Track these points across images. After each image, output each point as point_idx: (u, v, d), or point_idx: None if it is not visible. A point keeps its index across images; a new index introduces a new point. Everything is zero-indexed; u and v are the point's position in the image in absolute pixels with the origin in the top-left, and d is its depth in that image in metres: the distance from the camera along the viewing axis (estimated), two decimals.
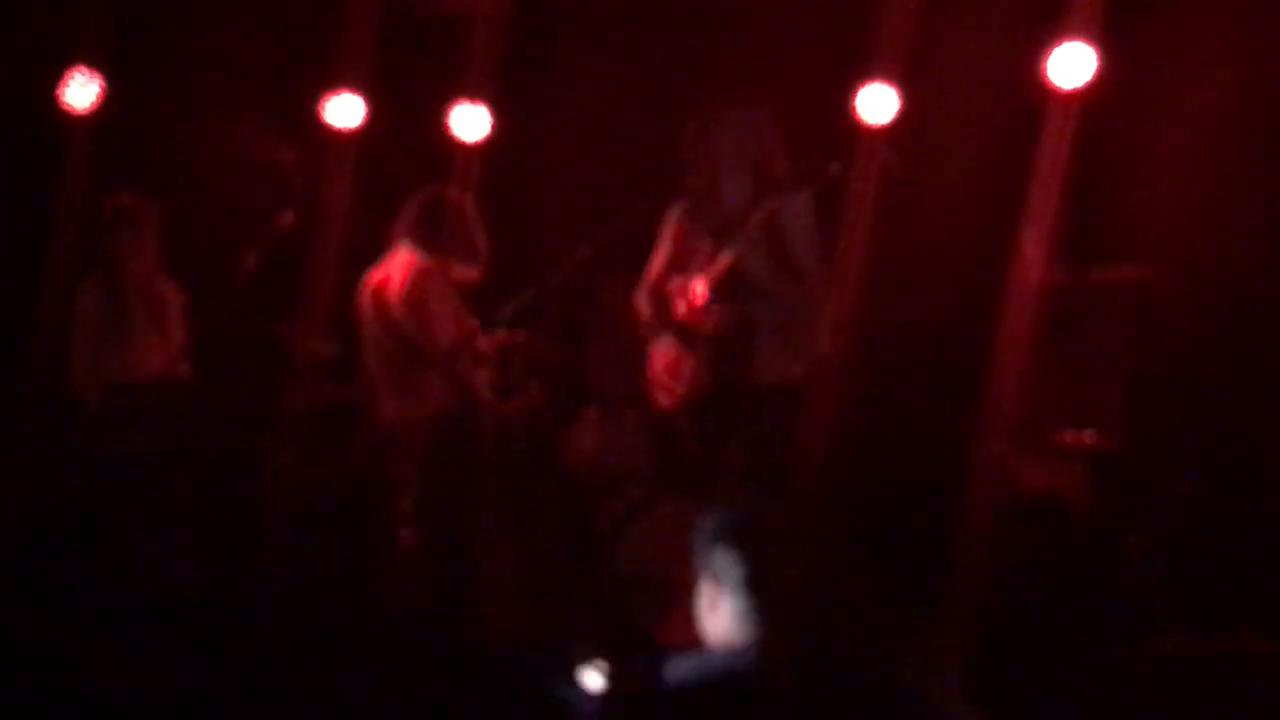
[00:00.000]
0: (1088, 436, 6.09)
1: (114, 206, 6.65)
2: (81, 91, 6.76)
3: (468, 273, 6.51)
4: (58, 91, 6.73)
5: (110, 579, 5.88)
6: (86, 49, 6.72)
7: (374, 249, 6.74)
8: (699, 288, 6.04)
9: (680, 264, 6.09)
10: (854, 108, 6.78)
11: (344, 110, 7.20)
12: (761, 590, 4.73)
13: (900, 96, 6.78)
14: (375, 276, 6.50)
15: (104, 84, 6.75)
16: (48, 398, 6.53)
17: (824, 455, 5.95)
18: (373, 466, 6.49)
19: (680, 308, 6.07)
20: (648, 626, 6.33)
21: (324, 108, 7.16)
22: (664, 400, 6.16)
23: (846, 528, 5.86)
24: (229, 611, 5.85)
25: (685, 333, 6.08)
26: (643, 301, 6.18)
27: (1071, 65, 6.35)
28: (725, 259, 5.96)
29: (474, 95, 7.23)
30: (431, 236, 6.38)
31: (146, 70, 7.06)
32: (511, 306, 6.60)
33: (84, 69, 6.71)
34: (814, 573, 5.13)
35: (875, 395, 6.54)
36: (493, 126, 7.29)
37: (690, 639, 6.02)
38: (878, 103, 6.83)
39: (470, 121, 7.31)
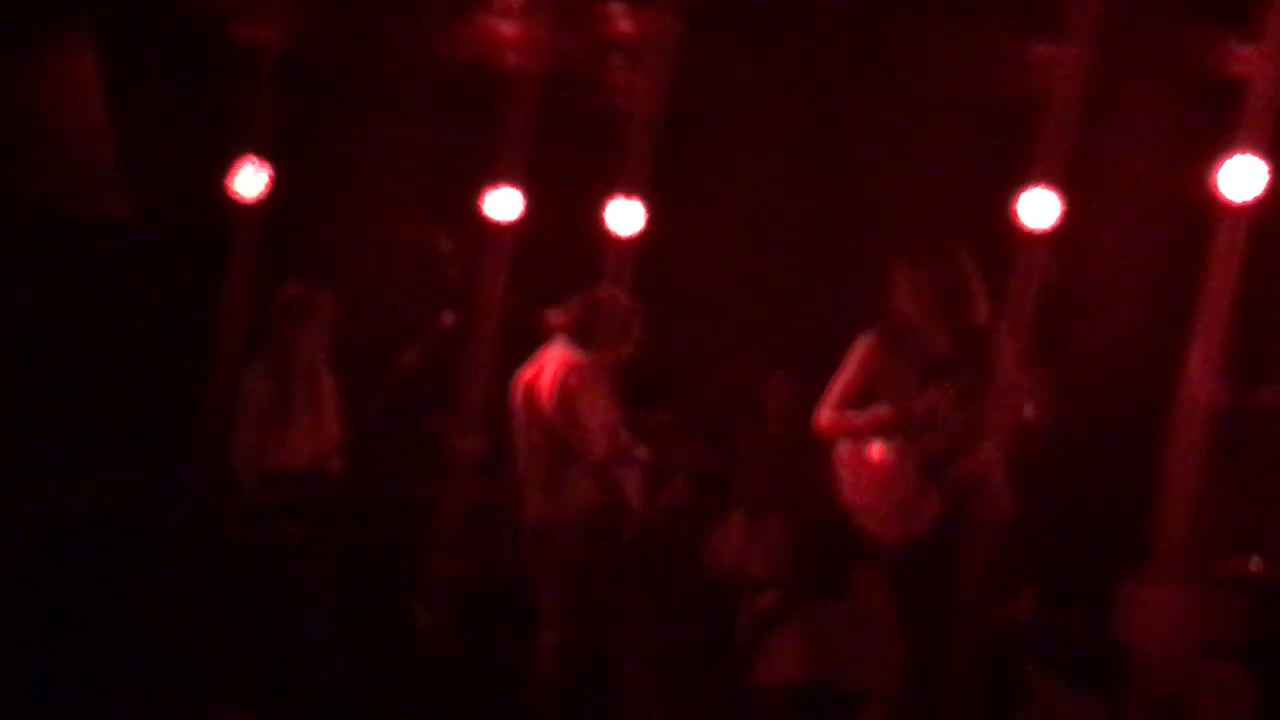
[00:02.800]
0: (1253, 564, 5.89)
1: (289, 296, 6.73)
2: (251, 180, 6.91)
3: (621, 353, 6.52)
4: (228, 180, 6.89)
5: (257, 665, 5.95)
6: (256, 139, 6.87)
7: (528, 343, 6.77)
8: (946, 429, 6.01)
9: (874, 393, 6.06)
10: (1015, 213, 6.72)
11: (503, 203, 7.29)
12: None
13: (1063, 202, 6.70)
14: (528, 372, 6.51)
15: (272, 173, 6.89)
16: (209, 481, 6.63)
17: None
18: (518, 564, 6.48)
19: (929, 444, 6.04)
20: None
21: (483, 201, 7.25)
22: (879, 529, 6.08)
23: None
24: (372, 702, 5.88)
25: (933, 469, 6.02)
26: (829, 416, 6.12)
27: (1242, 178, 6.22)
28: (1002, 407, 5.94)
29: (629, 190, 7.28)
30: (586, 334, 6.38)
31: (312, 160, 7.19)
32: (660, 409, 6.59)
33: (254, 158, 6.85)
34: None
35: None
36: (647, 221, 7.33)
37: None
38: (1039, 208, 6.76)
39: (625, 216, 7.36)
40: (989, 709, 5.83)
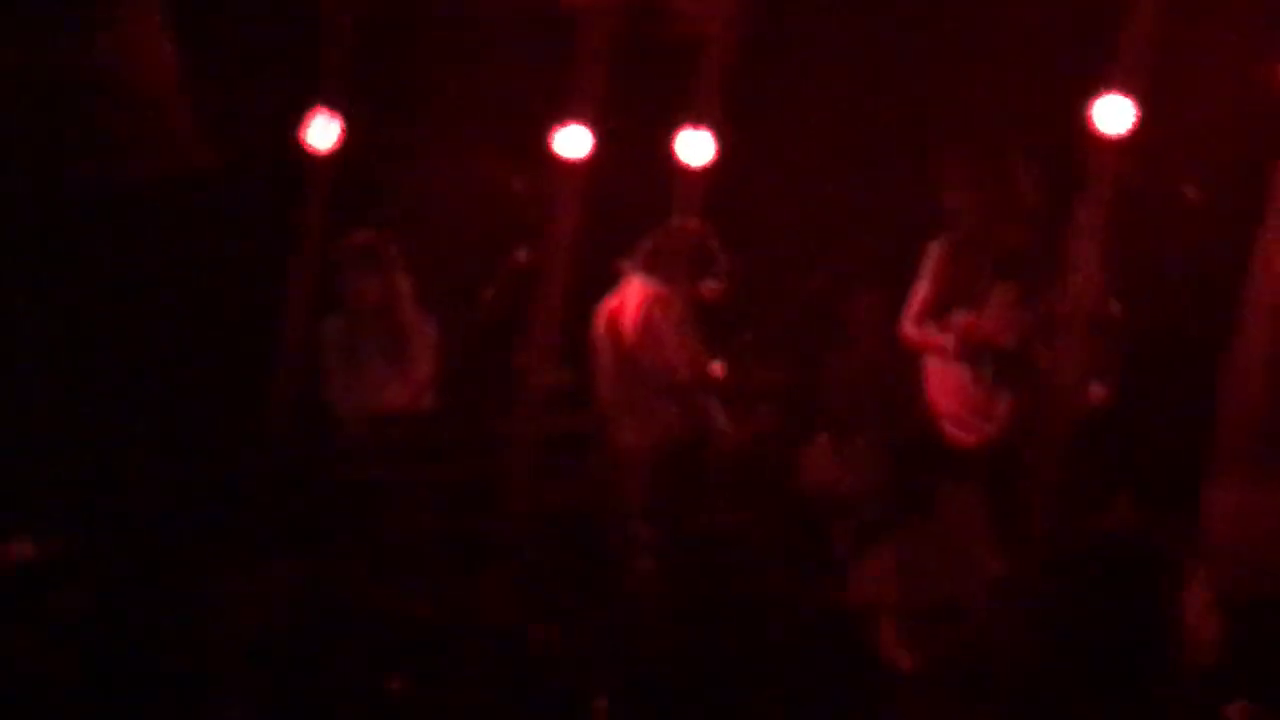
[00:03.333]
0: None
1: (349, 244, 6.82)
2: (323, 132, 6.97)
3: (712, 290, 6.55)
4: (300, 132, 6.95)
5: (354, 605, 6.05)
6: (328, 86, 6.92)
7: (604, 277, 6.81)
8: (1008, 330, 5.98)
9: (951, 299, 6.05)
10: (1089, 119, 6.64)
11: (572, 140, 7.30)
12: None
13: (1137, 107, 6.62)
14: (609, 305, 6.56)
15: (344, 122, 6.94)
16: (292, 429, 6.74)
17: None
18: (607, 493, 6.55)
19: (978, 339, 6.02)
20: (880, 652, 6.28)
21: (553, 138, 7.27)
22: (959, 435, 6.09)
23: None
24: (467, 637, 5.97)
25: (1004, 370, 6.01)
26: (912, 331, 6.12)
27: None
28: (1067, 300, 5.91)
29: (699, 120, 7.27)
30: (665, 266, 6.43)
31: (385, 105, 7.24)
32: (743, 331, 6.62)
33: (324, 109, 6.91)
34: None
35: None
36: (718, 151, 7.32)
37: (918, 665, 5.98)
38: (1114, 113, 6.68)
39: (696, 147, 7.35)
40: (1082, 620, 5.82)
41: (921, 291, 6.10)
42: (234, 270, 7.04)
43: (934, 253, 6.08)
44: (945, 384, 6.06)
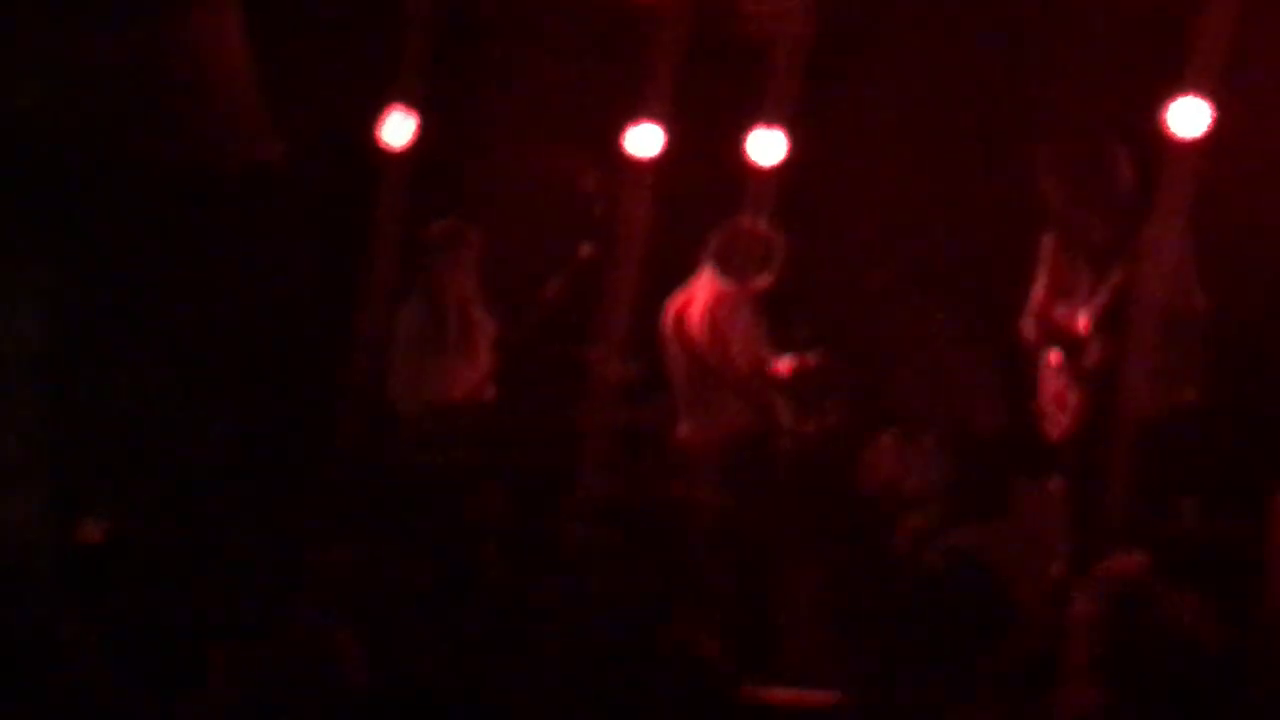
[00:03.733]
0: None
1: (439, 231, 6.89)
2: (399, 128, 7.04)
3: (763, 281, 6.57)
4: (376, 129, 7.03)
5: (421, 585, 6.09)
6: (402, 83, 6.99)
7: (673, 273, 6.83)
8: (1081, 319, 5.96)
9: (1062, 292, 6.01)
10: (1165, 121, 6.60)
11: (644, 139, 7.34)
12: None
13: (1213, 109, 6.56)
14: (678, 301, 6.59)
15: (419, 119, 7.01)
16: (365, 416, 6.81)
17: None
18: (673, 486, 6.57)
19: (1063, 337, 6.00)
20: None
21: (625, 136, 7.31)
22: (1051, 430, 6.07)
23: None
24: (536, 625, 6.00)
25: (1072, 364, 5.99)
26: (1030, 328, 6.10)
27: None
28: (1108, 289, 5.88)
29: (771, 120, 7.28)
30: (733, 263, 6.46)
31: (459, 101, 7.31)
32: (809, 329, 6.62)
33: (400, 107, 6.99)
34: None
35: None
36: (790, 150, 7.33)
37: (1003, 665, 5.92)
38: (1190, 116, 6.63)
39: (767, 146, 7.36)
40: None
41: (1038, 288, 6.05)
42: (303, 262, 7.13)
43: (1045, 247, 6.04)
44: (1045, 380, 6.01)
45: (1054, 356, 5.99)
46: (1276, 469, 5.94)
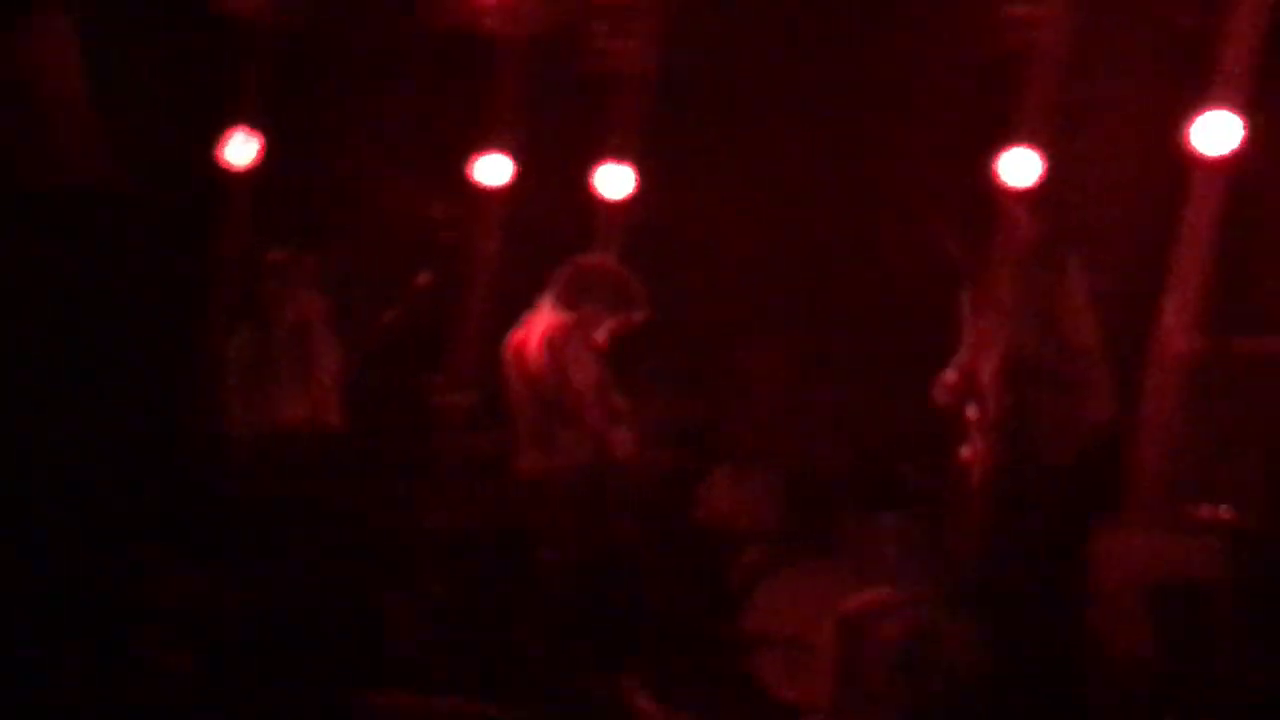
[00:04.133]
0: (1225, 512, 5.96)
1: (275, 260, 6.87)
2: (242, 149, 7.02)
3: (631, 323, 6.59)
4: (218, 150, 7.00)
5: (252, 619, 6.06)
6: (245, 107, 6.97)
7: (518, 303, 6.87)
8: (984, 373, 6.05)
9: (982, 348, 6.09)
10: (995, 172, 6.78)
11: (493, 169, 7.39)
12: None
13: (1044, 159, 6.76)
14: (518, 333, 6.63)
15: (262, 142, 7.00)
16: (201, 444, 6.76)
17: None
18: (513, 517, 6.60)
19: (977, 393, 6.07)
20: (773, 685, 6.36)
21: (473, 166, 7.35)
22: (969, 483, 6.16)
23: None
24: (373, 656, 5.99)
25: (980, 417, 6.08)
26: (946, 389, 6.12)
27: (1218, 133, 6.28)
28: (998, 346, 5.98)
29: (619, 155, 7.37)
30: (574, 297, 6.49)
31: (302, 127, 7.29)
32: (649, 365, 6.69)
33: (244, 128, 6.96)
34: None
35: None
36: (637, 185, 7.42)
37: (814, 699, 6.05)
38: (1020, 166, 6.82)
39: (615, 180, 7.44)
40: None
41: (963, 347, 6.12)
42: (140, 285, 7.06)
43: (963, 305, 6.13)
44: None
45: (970, 413, 6.05)
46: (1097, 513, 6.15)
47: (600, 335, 6.51)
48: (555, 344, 6.39)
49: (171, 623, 5.96)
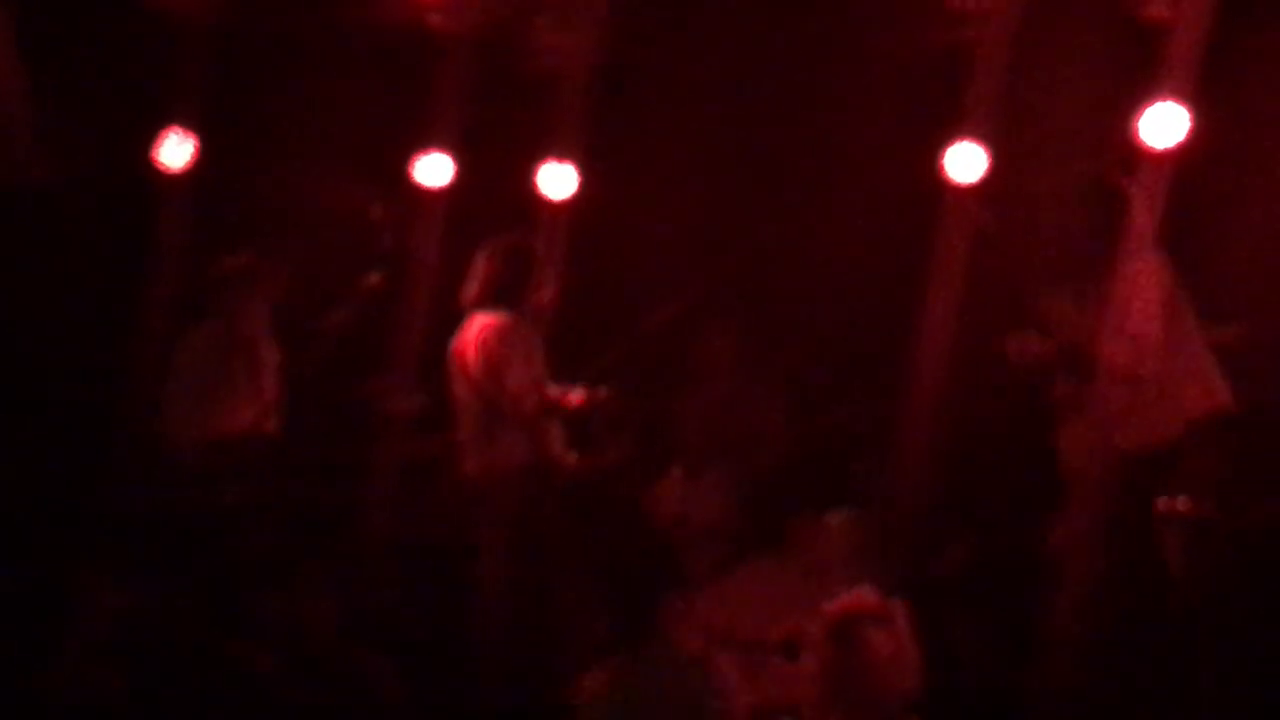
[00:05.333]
0: (1181, 504, 5.96)
1: (233, 265, 6.75)
2: (176, 150, 6.89)
3: (539, 300, 6.54)
4: (153, 150, 6.87)
5: (200, 627, 5.94)
6: (182, 106, 6.84)
7: (460, 304, 6.77)
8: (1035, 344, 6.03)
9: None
10: (942, 166, 6.77)
11: (433, 169, 7.28)
12: None
13: (989, 155, 6.75)
14: (461, 335, 6.55)
15: (198, 143, 6.87)
16: (142, 449, 6.63)
17: None
18: (456, 520, 6.52)
19: None
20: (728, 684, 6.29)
21: (414, 166, 7.25)
22: None
23: None
24: (314, 660, 5.88)
25: None
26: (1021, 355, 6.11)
27: (1164, 125, 6.29)
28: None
29: (562, 154, 7.29)
30: (505, 294, 6.43)
31: (238, 128, 7.17)
32: (596, 362, 6.63)
33: (178, 129, 6.84)
34: None
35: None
36: (580, 184, 7.34)
37: (770, 697, 6.00)
38: (966, 161, 6.80)
39: (558, 179, 7.36)
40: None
41: None
42: (74, 287, 6.92)
43: None
44: None
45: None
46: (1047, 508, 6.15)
47: (533, 328, 6.45)
48: (489, 344, 6.35)
49: (102, 636, 5.84)
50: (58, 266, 6.92)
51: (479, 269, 6.45)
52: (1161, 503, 5.88)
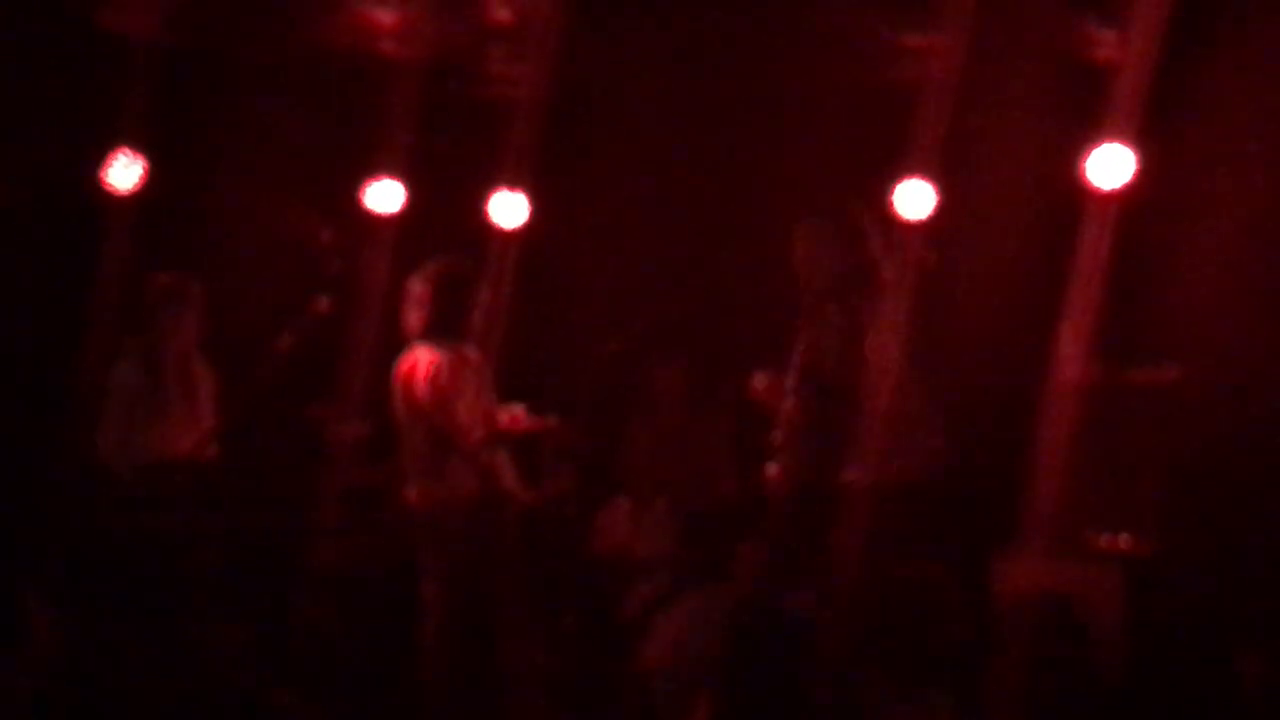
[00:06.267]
0: (1122, 540, 6.01)
1: (157, 285, 6.71)
2: (124, 172, 6.85)
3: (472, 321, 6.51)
4: (101, 172, 6.82)
5: (139, 654, 5.88)
6: (129, 131, 6.81)
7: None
8: (759, 384, 6.07)
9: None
10: (891, 203, 6.80)
11: (384, 195, 7.27)
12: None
13: (937, 192, 6.79)
14: (404, 364, 6.52)
15: (147, 165, 6.84)
16: (81, 472, 6.57)
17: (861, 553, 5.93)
18: (400, 550, 6.47)
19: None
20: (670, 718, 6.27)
21: (364, 192, 7.23)
22: None
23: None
24: (251, 691, 5.83)
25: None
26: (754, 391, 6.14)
27: (1110, 166, 6.35)
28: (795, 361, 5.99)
29: (513, 183, 7.29)
30: (447, 322, 6.39)
31: (188, 151, 7.14)
32: (543, 392, 6.61)
33: (127, 150, 6.80)
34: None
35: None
36: (531, 213, 7.34)
37: None
38: (915, 198, 6.85)
39: (509, 208, 7.37)
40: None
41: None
42: (15, 306, 6.87)
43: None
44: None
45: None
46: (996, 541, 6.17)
47: (480, 360, 6.43)
48: (439, 378, 6.30)
49: (40, 662, 5.76)
50: (2, 285, 6.87)
51: (416, 296, 6.40)
52: (1101, 538, 5.93)
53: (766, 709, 5.04)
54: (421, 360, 6.38)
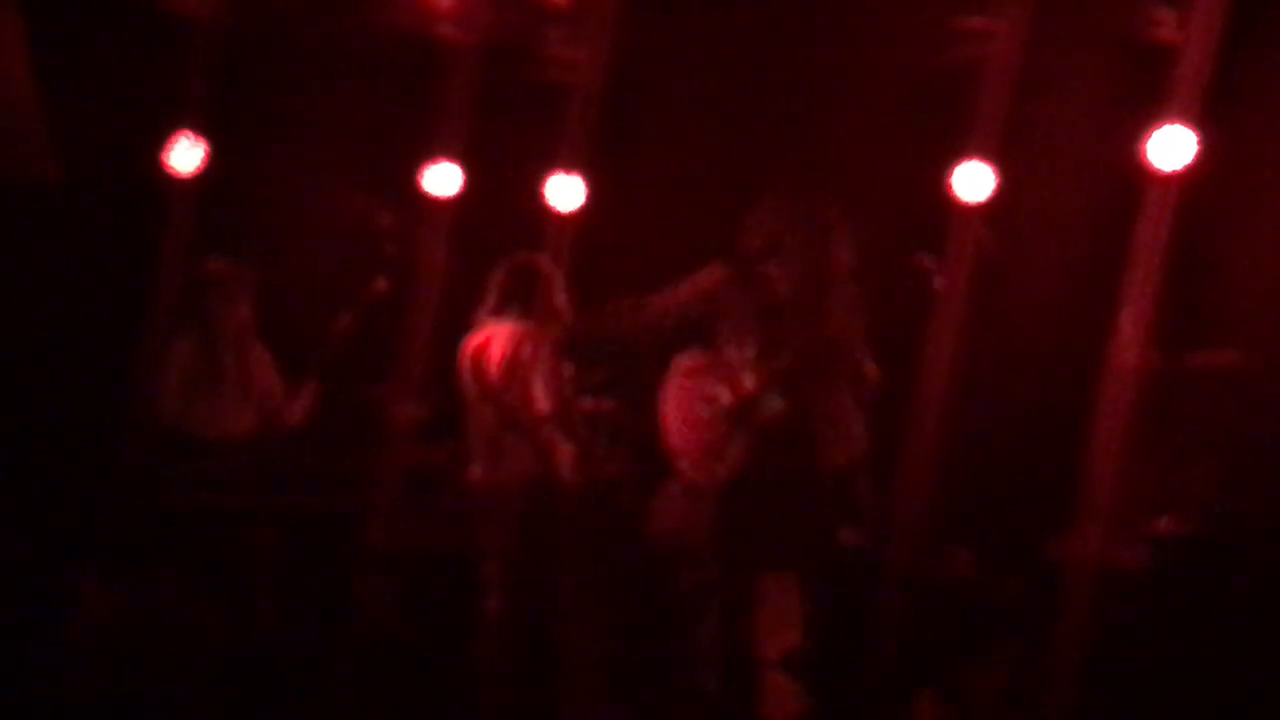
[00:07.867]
0: (1181, 524, 5.97)
1: (213, 270, 6.77)
2: (186, 155, 6.91)
3: (558, 319, 6.56)
4: (163, 154, 6.88)
5: (200, 634, 5.95)
6: (192, 113, 6.86)
7: (468, 314, 6.79)
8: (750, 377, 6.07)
9: (710, 327, 6.12)
10: (950, 186, 6.78)
11: (442, 178, 7.30)
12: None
13: (997, 174, 6.77)
14: (474, 341, 6.55)
15: (208, 147, 6.89)
16: (141, 452, 6.63)
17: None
18: (460, 530, 6.51)
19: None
20: (726, 701, 6.29)
21: (422, 175, 7.26)
22: (690, 471, 6.16)
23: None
24: (316, 671, 5.89)
25: (739, 414, 6.09)
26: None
27: (1171, 148, 6.31)
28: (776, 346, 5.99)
29: (569, 166, 7.30)
30: (528, 304, 6.44)
31: (249, 134, 7.19)
32: (598, 376, 6.63)
33: (189, 133, 6.86)
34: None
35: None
36: (587, 196, 7.36)
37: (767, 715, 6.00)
38: (974, 180, 6.83)
39: (565, 191, 7.38)
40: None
41: (674, 299, 6.14)
42: (78, 287, 6.93)
43: (707, 275, 6.13)
44: (679, 416, 6.11)
45: (715, 402, 6.08)
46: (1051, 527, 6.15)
47: (554, 340, 6.46)
48: (520, 353, 6.35)
49: (99, 640, 5.84)
50: (63, 265, 6.93)
51: (500, 280, 6.49)
52: (1161, 522, 5.91)
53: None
54: (497, 336, 6.42)
